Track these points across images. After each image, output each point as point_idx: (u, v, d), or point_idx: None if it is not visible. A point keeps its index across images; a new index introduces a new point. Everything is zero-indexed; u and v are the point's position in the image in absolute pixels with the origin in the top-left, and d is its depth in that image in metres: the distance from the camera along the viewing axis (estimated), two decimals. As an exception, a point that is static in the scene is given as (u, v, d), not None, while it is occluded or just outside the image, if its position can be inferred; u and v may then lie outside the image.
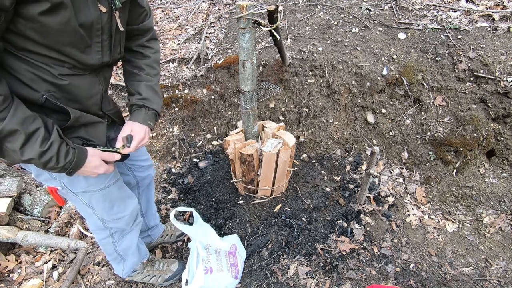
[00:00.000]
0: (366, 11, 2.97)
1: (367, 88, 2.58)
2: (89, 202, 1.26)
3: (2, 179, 2.12)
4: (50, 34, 0.83)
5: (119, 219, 1.39)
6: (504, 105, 2.27)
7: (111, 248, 1.50)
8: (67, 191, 1.18)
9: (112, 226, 1.40)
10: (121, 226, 1.43)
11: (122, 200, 1.36)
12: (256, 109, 1.99)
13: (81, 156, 1.01)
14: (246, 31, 1.61)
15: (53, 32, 0.83)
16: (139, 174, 1.60)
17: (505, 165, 2.37)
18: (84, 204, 1.26)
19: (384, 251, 2.01)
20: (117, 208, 1.35)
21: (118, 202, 1.34)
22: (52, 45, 0.86)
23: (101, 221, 1.36)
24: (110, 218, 1.36)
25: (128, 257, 1.60)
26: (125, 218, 1.41)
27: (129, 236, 1.51)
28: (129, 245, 1.54)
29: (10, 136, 0.85)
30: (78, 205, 1.28)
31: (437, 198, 2.41)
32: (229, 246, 1.79)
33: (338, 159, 2.69)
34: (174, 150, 2.78)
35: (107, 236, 1.44)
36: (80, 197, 1.22)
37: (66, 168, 0.98)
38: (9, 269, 1.95)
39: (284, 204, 2.25)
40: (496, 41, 2.37)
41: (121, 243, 1.50)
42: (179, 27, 3.35)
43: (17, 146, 0.86)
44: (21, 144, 0.86)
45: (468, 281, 1.88)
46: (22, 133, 0.85)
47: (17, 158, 0.89)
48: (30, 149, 0.88)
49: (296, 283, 1.82)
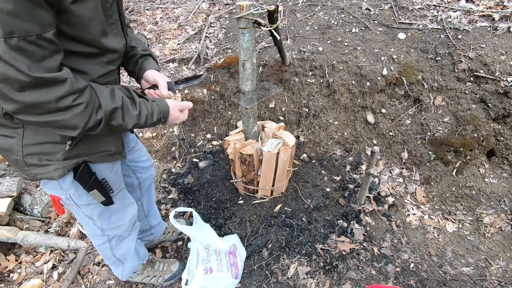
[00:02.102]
0: (366, 11, 2.97)
1: (367, 88, 2.58)
2: (90, 215, 1.27)
3: (2, 179, 2.12)
4: (81, 24, 0.81)
5: (118, 227, 1.39)
6: (504, 105, 2.27)
7: (109, 253, 1.50)
8: (71, 202, 1.18)
9: (110, 233, 1.40)
10: (119, 233, 1.43)
11: (122, 210, 1.37)
12: (256, 109, 1.99)
13: (164, 104, 1.09)
14: (246, 31, 1.60)
15: (85, 21, 0.82)
16: (141, 175, 1.60)
17: (505, 165, 2.37)
18: (84, 215, 1.26)
19: (384, 251, 2.01)
20: (116, 217, 1.36)
21: (117, 212, 1.35)
22: (84, 37, 0.85)
23: (100, 229, 1.35)
24: (110, 227, 1.36)
25: (127, 260, 1.60)
26: (124, 226, 1.41)
27: (126, 241, 1.50)
28: (127, 250, 1.54)
29: (112, 115, 0.91)
30: (78, 215, 1.28)
31: (437, 198, 2.41)
32: (229, 246, 1.79)
33: (338, 159, 2.69)
34: (174, 150, 2.78)
35: (104, 242, 1.43)
36: (82, 209, 1.22)
37: (160, 119, 1.06)
38: (9, 269, 1.95)
39: (284, 204, 2.25)
40: (496, 41, 2.37)
41: (118, 249, 1.50)
42: (179, 27, 3.35)
43: (120, 120, 0.94)
44: (122, 117, 0.94)
45: (468, 281, 1.88)
46: (118, 108, 0.92)
47: (125, 128, 0.97)
48: (129, 117, 0.96)
49: (296, 283, 1.82)
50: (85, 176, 1.09)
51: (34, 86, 0.73)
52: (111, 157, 1.16)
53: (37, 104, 0.75)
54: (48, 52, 0.73)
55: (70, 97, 0.79)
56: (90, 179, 1.10)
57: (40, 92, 0.74)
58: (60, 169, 1.02)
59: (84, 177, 1.08)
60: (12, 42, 0.66)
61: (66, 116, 0.81)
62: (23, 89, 0.72)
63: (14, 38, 0.66)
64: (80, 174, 1.07)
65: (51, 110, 0.78)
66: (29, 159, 0.97)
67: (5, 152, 0.97)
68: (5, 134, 0.94)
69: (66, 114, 0.81)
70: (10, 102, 0.74)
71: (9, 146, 0.95)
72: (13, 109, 0.76)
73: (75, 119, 0.82)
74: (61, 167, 1.02)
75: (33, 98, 0.74)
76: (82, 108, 0.82)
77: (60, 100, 0.78)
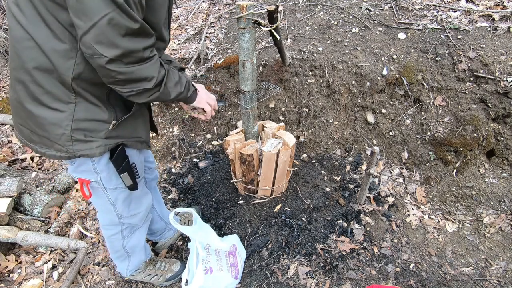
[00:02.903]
0: (366, 11, 2.97)
1: (367, 88, 2.58)
2: (115, 199, 1.31)
3: (2, 179, 2.12)
4: (153, 8, 0.94)
5: (135, 215, 1.44)
6: (504, 105, 2.27)
7: (119, 244, 1.52)
8: (99, 186, 1.23)
9: (126, 221, 1.43)
10: (135, 222, 1.46)
11: (140, 198, 1.42)
12: (256, 109, 1.99)
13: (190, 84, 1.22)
14: (246, 31, 1.60)
15: (156, 6, 0.95)
16: (148, 175, 1.66)
17: (505, 165, 2.37)
18: (108, 200, 1.30)
19: (384, 251, 2.01)
20: (135, 205, 1.41)
21: (136, 199, 1.40)
22: (152, 20, 0.96)
23: (118, 217, 1.39)
24: (128, 214, 1.40)
25: (134, 254, 1.62)
26: (140, 214, 1.46)
27: (137, 233, 1.54)
28: (137, 242, 1.57)
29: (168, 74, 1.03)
30: (101, 201, 1.31)
31: (437, 198, 2.41)
32: (229, 246, 1.79)
33: (338, 159, 2.69)
34: (174, 150, 2.78)
35: (117, 232, 1.46)
36: (108, 193, 1.27)
37: (194, 90, 1.23)
38: (9, 269, 1.95)
39: (284, 204, 2.25)
40: (496, 41, 2.37)
41: (129, 240, 1.53)
42: (179, 27, 3.35)
43: (172, 82, 1.07)
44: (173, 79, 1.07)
45: (468, 281, 1.88)
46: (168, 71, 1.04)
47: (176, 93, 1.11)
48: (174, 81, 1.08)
49: (296, 283, 1.82)
50: (121, 157, 1.18)
51: (134, 33, 0.85)
52: (140, 144, 1.26)
53: (131, 51, 0.86)
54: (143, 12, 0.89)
55: (150, 48, 0.93)
56: (123, 161, 1.19)
57: (136, 40, 0.87)
58: (102, 146, 1.09)
59: (119, 158, 1.17)
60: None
61: (146, 65, 0.93)
62: (126, 35, 0.83)
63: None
64: (117, 155, 1.15)
65: (137, 59, 0.89)
66: (76, 134, 1.03)
67: (51, 126, 1.01)
68: (57, 108, 0.98)
69: (145, 64, 0.92)
70: (112, 48, 0.83)
71: (58, 120, 0.99)
72: (112, 55, 0.84)
73: (152, 68, 0.95)
74: (103, 144, 1.09)
75: (131, 45, 0.85)
76: (155, 59, 0.96)
77: (146, 49, 0.90)
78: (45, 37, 0.87)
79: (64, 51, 0.89)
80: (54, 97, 0.97)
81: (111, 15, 0.77)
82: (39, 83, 0.94)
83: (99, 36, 0.79)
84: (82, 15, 0.77)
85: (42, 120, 1.00)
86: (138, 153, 1.31)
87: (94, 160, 1.14)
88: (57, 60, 0.90)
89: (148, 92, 0.99)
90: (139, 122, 1.22)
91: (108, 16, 0.77)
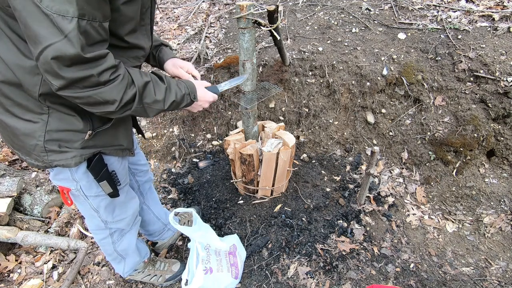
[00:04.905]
0: (366, 11, 2.97)
1: (367, 88, 2.58)
2: (97, 207, 1.29)
3: (2, 179, 2.12)
4: (121, 22, 0.91)
5: (121, 220, 1.42)
6: (504, 105, 2.27)
7: (110, 248, 1.51)
8: (80, 194, 1.21)
9: (113, 226, 1.42)
10: (122, 226, 1.45)
11: (125, 203, 1.40)
12: (256, 109, 1.99)
13: (189, 82, 1.17)
14: (246, 31, 1.61)
15: (125, 20, 0.91)
16: (140, 178, 1.65)
17: (505, 165, 2.37)
18: (90, 207, 1.29)
19: (384, 251, 2.01)
20: (119, 211, 1.39)
21: (120, 205, 1.38)
22: (118, 33, 0.93)
23: (103, 222, 1.38)
24: (113, 220, 1.39)
25: (128, 256, 1.62)
26: (127, 219, 1.44)
27: (128, 236, 1.52)
28: (128, 245, 1.56)
29: (144, 89, 0.96)
30: (84, 207, 1.30)
31: (437, 198, 2.41)
32: (229, 246, 1.79)
33: (338, 159, 2.69)
34: (174, 150, 2.78)
35: (106, 236, 1.45)
36: (90, 200, 1.25)
37: (189, 94, 1.13)
38: (9, 269, 1.95)
39: (284, 204, 2.25)
40: (496, 41, 2.37)
41: (120, 243, 1.51)
42: (179, 27, 3.35)
43: (153, 95, 0.99)
44: (153, 91, 0.99)
45: (468, 281, 1.88)
46: (149, 82, 0.98)
47: (159, 106, 1.03)
48: (160, 91, 1.01)
49: (296, 283, 1.82)
50: (98, 166, 1.14)
51: (83, 61, 0.80)
52: (122, 152, 1.22)
53: (82, 78, 0.81)
54: (100, 38, 0.82)
55: (109, 71, 0.86)
56: (101, 170, 1.15)
57: (87, 67, 0.81)
58: (77, 157, 1.06)
59: (97, 167, 1.13)
60: (82, 24, 0.75)
61: (106, 89, 0.87)
62: (71, 66, 0.78)
63: (84, 20, 0.75)
64: (94, 164, 1.12)
65: (93, 84, 0.84)
66: (49, 144, 1.01)
67: (25, 137, 0.99)
68: (29, 119, 0.97)
69: (105, 87, 0.86)
70: (58, 78, 0.79)
71: (31, 131, 0.98)
72: (59, 85, 0.80)
73: (113, 91, 0.88)
74: (79, 155, 1.06)
75: (79, 74, 0.80)
76: (119, 81, 0.88)
77: (103, 73, 0.84)
78: (10, 52, 0.86)
79: (30, 67, 0.87)
80: (26, 108, 0.95)
81: (57, 45, 0.73)
82: (8, 96, 0.93)
83: (45, 65, 0.76)
84: (30, 41, 0.76)
85: (16, 130, 0.98)
86: (120, 160, 1.27)
87: (71, 169, 1.12)
88: (23, 76, 0.88)
89: (114, 114, 0.94)
90: (119, 130, 1.17)
91: (52, 46, 0.73)
